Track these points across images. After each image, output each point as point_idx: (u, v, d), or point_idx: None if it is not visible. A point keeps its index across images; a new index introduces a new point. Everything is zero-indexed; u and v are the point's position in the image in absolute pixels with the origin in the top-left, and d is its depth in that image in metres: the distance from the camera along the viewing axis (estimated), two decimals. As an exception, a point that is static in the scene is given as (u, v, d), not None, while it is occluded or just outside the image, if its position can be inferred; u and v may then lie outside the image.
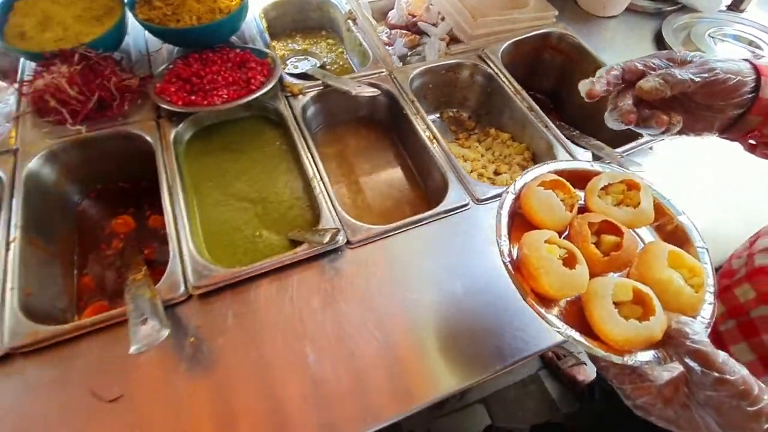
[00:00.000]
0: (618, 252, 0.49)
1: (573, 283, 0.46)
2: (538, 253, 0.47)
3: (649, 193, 0.54)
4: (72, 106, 0.81)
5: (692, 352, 0.40)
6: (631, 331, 0.43)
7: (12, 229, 0.69)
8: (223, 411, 0.57)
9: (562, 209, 0.52)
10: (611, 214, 0.52)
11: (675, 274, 0.47)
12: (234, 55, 0.93)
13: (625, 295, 0.46)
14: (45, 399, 0.57)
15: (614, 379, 0.46)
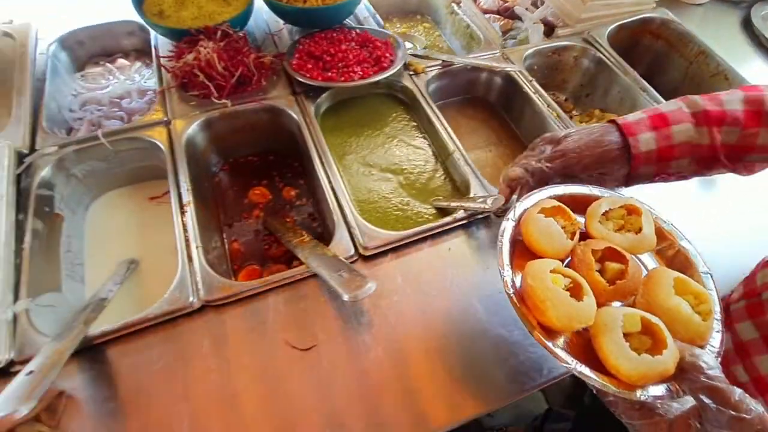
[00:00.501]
0: (624, 280, 0.47)
1: (581, 316, 0.44)
2: (543, 285, 0.45)
3: (650, 218, 0.53)
4: (217, 81, 0.85)
5: (707, 389, 0.39)
6: (645, 366, 0.41)
7: (184, 194, 0.73)
8: (397, 357, 0.60)
9: (563, 237, 0.50)
10: (613, 240, 0.51)
11: (683, 302, 0.45)
12: (355, 35, 0.96)
13: (634, 326, 0.44)
14: (247, 346, 0.61)
15: (623, 414, 0.45)
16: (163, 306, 0.61)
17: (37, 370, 0.51)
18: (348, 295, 0.56)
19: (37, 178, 0.73)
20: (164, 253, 0.80)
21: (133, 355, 0.60)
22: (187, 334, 0.61)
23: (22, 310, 0.61)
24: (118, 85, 0.97)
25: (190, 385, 0.58)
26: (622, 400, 0.44)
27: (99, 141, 0.78)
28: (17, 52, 0.89)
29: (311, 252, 0.67)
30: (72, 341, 0.56)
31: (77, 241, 0.79)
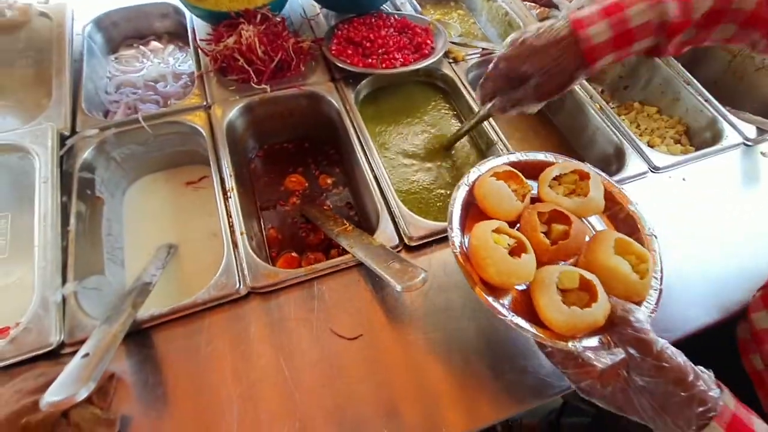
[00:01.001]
0: (566, 240, 0.50)
1: (519, 272, 0.47)
2: (485, 243, 0.48)
3: (599, 183, 0.55)
4: (257, 66, 0.83)
5: (632, 340, 0.42)
6: (574, 317, 0.44)
7: (227, 179, 0.72)
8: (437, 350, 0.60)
9: (513, 199, 0.53)
10: (561, 203, 0.54)
11: (621, 261, 0.48)
12: (394, 20, 0.94)
13: (572, 283, 0.47)
14: (294, 333, 0.60)
15: (559, 364, 0.48)
16: (210, 292, 0.61)
17: (92, 353, 0.51)
18: (401, 285, 0.55)
19: (79, 161, 0.73)
20: (202, 238, 0.80)
21: (181, 340, 0.60)
22: (234, 320, 0.61)
23: (71, 292, 0.61)
24: (152, 68, 0.97)
25: (240, 370, 0.57)
26: (558, 351, 0.47)
27: (138, 124, 0.78)
28: (54, 33, 0.88)
29: (357, 241, 0.66)
30: (123, 324, 0.56)
31: (117, 224, 0.79)
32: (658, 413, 0.42)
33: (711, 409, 0.40)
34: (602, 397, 0.45)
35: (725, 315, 0.66)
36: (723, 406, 0.41)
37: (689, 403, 0.40)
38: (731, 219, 0.76)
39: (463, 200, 0.56)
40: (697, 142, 0.92)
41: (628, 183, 0.79)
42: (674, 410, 0.41)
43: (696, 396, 0.40)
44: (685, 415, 0.41)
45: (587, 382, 0.46)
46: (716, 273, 0.70)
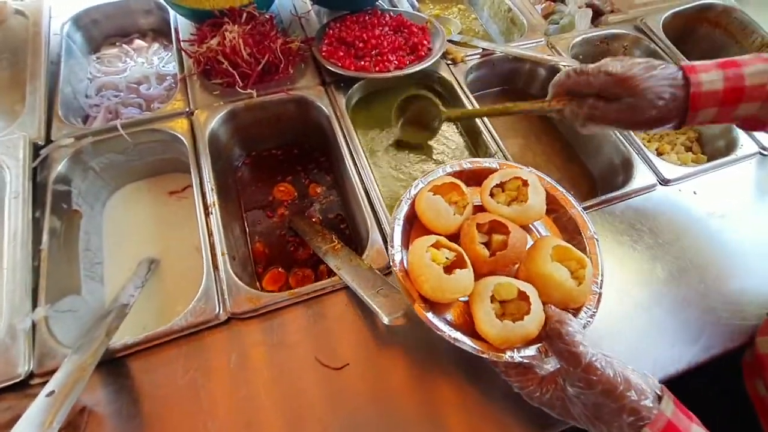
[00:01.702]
0: (504, 251, 0.49)
1: (453, 288, 0.47)
2: (420, 261, 0.48)
3: (539, 189, 0.55)
4: (242, 69, 0.79)
5: (563, 352, 0.43)
6: (506, 331, 0.45)
7: (209, 193, 0.68)
8: (429, 382, 0.56)
9: (451, 213, 0.53)
10: (501, 212, 0.54)
11: (558, 268, 0.48)
12: (389, 18, 0.89)
13: (510, 294, 0.47)
14: (276, 362, 0.57)
15: (502, 372, 0.49)
16: (187, 318, 0.58)
17: (58, 390, 0.48)
18: (388, 318, 0.52)
19: (54, 173, 0.69)
20: (185, 250, 0.76)
21: (158, 369, 0.56)
22: (213, 347, 0.58)
23: (42, 317, 0.58)
24: (135, 68, 0.92)
25: (218, 401, 0.54)
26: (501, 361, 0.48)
27: (117, 132, 0.74)
28: (30, 32, 0.84)
29: (345, 262, 0.63)
30: (94, 355, 0.52)
31: (96, 238, 0.75)
32: (592, 421, 0.44)
33: (642, 418, 0.42)
34: (542, 403, 0.47)
35: (743, 339, 0.62)
36: (658, 414, 0.42)
37: (619, 413, 0.42)
38: (746, 235, 0.72)
39: (406, 215, 0.56)
40: (710, 151, 0.87)
41: (635, 197, 0.74)
42: (606, 419, 0.43)
43: (626, 406, 0.42)
44: (617, 423, 0.42)
45: (529, 388, 0.47)
46: (732, 294, 0.66)
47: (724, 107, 0.54)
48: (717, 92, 0.53)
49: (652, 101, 0.53)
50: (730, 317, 0.64)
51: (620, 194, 0.73)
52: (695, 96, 0.53)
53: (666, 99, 0.53)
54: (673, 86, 0.53)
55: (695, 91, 0.53)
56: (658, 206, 0.73)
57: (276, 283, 0.74)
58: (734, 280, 0.67)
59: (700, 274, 0.67)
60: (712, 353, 0.62)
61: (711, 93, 0.53)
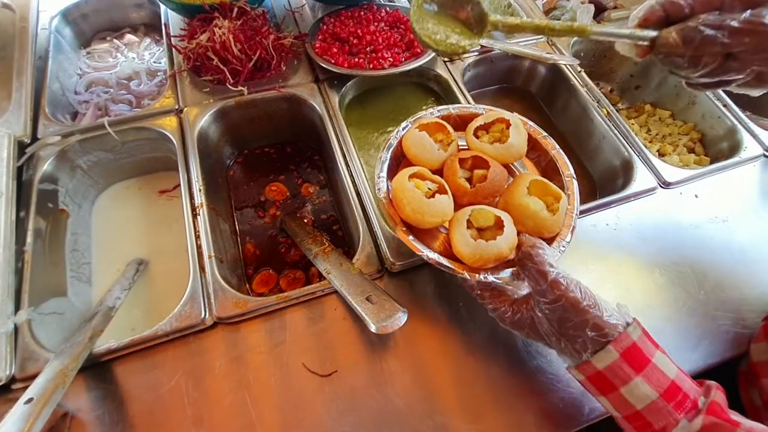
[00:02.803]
0: (483, 183, 0.53)
1: (432, 211, 0.50)
2: (402, 185, 0.51)
3: (520, 130, 0.57)
4: (233, 65, 0.77)
5: (533, 271, 0.45)
6: (479, 249, 0.48)
7: (197, 194, 0.67)
8: (425, 387, 0.55)
9: (435, 148, 0.56)
10: (483, 150, 0.56)
11: (532, 200, 0.51)
12: (385, 13, 0.87)
13: (487, 221, 0.50)
14: (263, 368, 0.56)
15: (477, 295, 0.52)
16: (173, 322, 0.56)
17: (37, 397, 0.47)
18: (375, 326, 0.50)
19: (39, 172, 0.68)
20: (175, 251, 0.75)
21: (143, 374, 0.55)
22: (198, 353, 0.57)
23: (24, 320, 0.57)
24: (126, 64, 0.90)
25: (202, 408, 0.53)
26: (477, 283, 0.51)
27: (105, 130, 0.72)
28: (17, 27, 0.82)
29: (335, 266, 0.61)
30: (76, 360, 0.51)
31: (84, 238, 0.74)
32: (558, 338, 0.45)
33: (606, 334, 0.43)
34: (513, 323, 0.49)
35: (743, 347, 0.61)
36: (624, 333, 0.43)
37: (582, 327, 0.43)
38: (749, 240, 0.70)
39: (393, 151, 0.59)
40: (713, 152, 0.85)
41: (635, 200, 0.72)
42: (570, 334, 0.44)
43: (589, 321, 0.43)
44: (581, 339, 0.44)
45: (501, 309, 0.50)
46: (733, 301, 0.64)
47: None
48: None
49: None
50: (730, 325, 0.63)
51: (619, 197, 0.71)
52: None
53: None
54: None
55: None
56: (659, 210, 0.72)
57: (266, 285, 0.73)
58: (735, 287, 0.66)
59: (700, 280, 0.66)
60: (710, 362, 0.60)
61: None
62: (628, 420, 0.45)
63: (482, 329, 0.59)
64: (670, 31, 0.43)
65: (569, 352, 0.46)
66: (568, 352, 0.46)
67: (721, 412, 0.43)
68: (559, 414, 0.55)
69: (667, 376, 0.44)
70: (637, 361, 0.43)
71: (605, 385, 0.44)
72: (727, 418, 0.42)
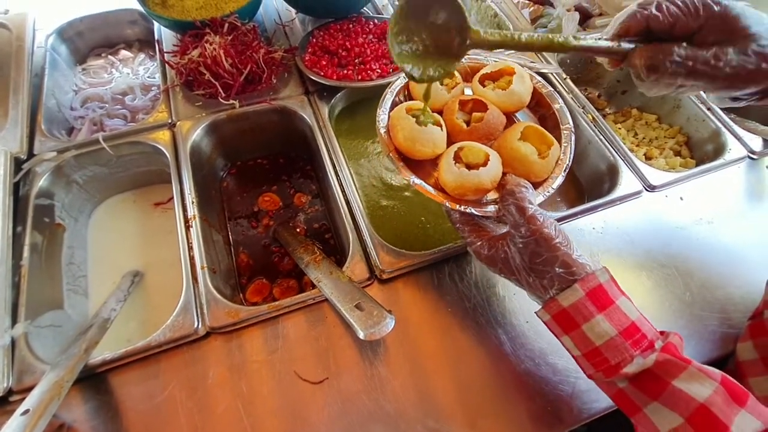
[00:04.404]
0: (479, 123, 0.55)
1: (424, 139, 0.52)
2: (397, 114, 0.54)
3: (525, 80, 0.59)
4: (224, 80, 0.78)
5: (513, 206, 0.47)
6: (461, 177, 0.50)
7: (189, 206, 0.68)
8: (416, 393, 0.56)
9: (439, 88, 0.59)
10: (484, 94, 0.58)
11: (523, 144, 0.53)
12: (374, 26, 0.89)
13: (476, 158, 0.52)
14: (256, 377, 0.57)
15: (457, 227, 0.53)
16: (166, 333, 0.58)
17: (33, 408, 0.48)
18: (363, 332, 0.51)
19: (35, 188, 0.69)
20: (170, 262, 0.76)
21: (137, 385, 0.56)
22: (191, 363, 0.58)
23: (21, 333, 0.58)
24: (121, 79, 0.92)
25: (197, 417, 0.54)
26: (458, 214, 0.53)
27: (100, 145, 0.74)
28: (14, 46, 0.84)
29: (325, 275, 0.62)
30: (71, 372, 0.52)
31: (80, 251, 0.75)
32: (528, 272, 0.46)
33: (574, 272, 0.44)
34: (487, 258, 0.50)
35: (730, 347, 0.62)
36: (591, 275, 0.44)
37: (552, 263, 0.45)
38: (734, 241, 0.71)
39: (401, 89, 0.62)
40: (699, 155, 0.86)
41: (620, 203, 0.73)
42: (539, 269, 0.45)
43: (558, 257, 0.44)
44: (549, 274, 0.45)
45: (477, 244, 0.51)
46: (719, 301, 0.65)
47: None
48: None
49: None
50: (717, 325, 0.64)
51: (606, 201, 0.73)
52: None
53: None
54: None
55: None
56: (644, 213, 0.73)
57: (260, 294, 0.74)
58: (721, 288, 0.67)
59: (687, 281, 0.67)
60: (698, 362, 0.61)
61: None
62: (586, 357, 0.46)
63: (471, 334, 0.60)
64: (641, 56, 0.44)
65: (537, 288, 0.47)
66: (535, 288, 0.47)
67: (675, 351, 0.44)
68: (549, 416, 0.56)
69: (628, 317, 0.45)
70: (601, 301, 0.44)
71: (569, 322, 0.46)
72: (679, 356, 0.43)
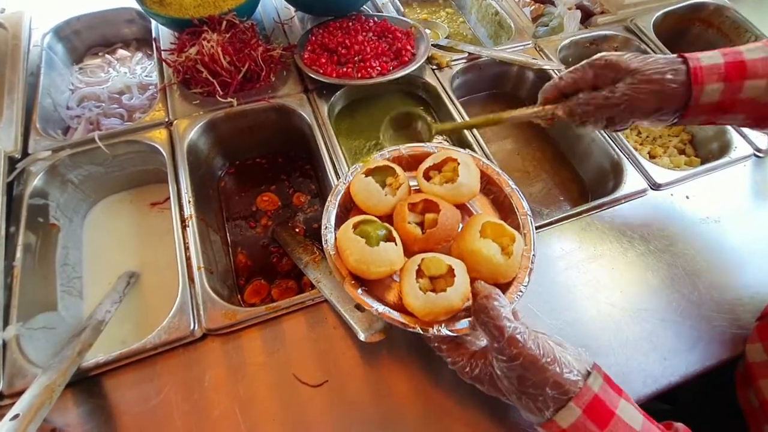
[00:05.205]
0: (434, 228, 0.50)
1: (378, 260, 0.47)
2: (345, 235, 0.49)
3: (471, 167, 0.55)
4: (222, 78, 0.77)
5: (487, 325, 0.43)
6: (429, 302, 0.45)
7: (186, 206, 0.67)
8: (419, 395, 0.54)
9: (382, 194, 0.54)
10: (434, 191, 0.54)
11: (485, 244, 0.48)
12: (373, 24, 0.88)
13: (438, 269, 0.47)
14: (253, 380, 0.55)
15: (435, 347, 0.49)
16: (161, 335, 0.56)
17: (23, 413, 0.46)
18: (364, 334, 0.50)
19: (30, 187, 0.68)
20: (167, 263, 0.75)
21: (132, 388, 0.55)
22: (187, 366, 0.56)
23: (12, 336, 0.56)
24: (118, 78, 0.91)
25: (192, 421, 0.53)
26: (433, 336, 0.48)
27: (95, 144, 0.72)
28: (9, 45, 0.83)
29: (324, 275, 0.61)
30: (64, 375, 0.51)
31: (75, 252, 0.74)
32: (518, 396, 0.43)
33: (567, 391, 0.41)
34: (473, 378, 0.47)
35: (739, 348, 0.60)
36: (584, 387, 0.42)
37: (542, 386, 0.42)
38: (742, 240, 0.69)
39: (342, 198, 0.56)
40: (704, 153, 0.85)
41: (625, 202, 0.72)
42: (530, 393, 0.42)
43: (549, 379, 0.41)
44: (542, 397, 0.42)
45: (459, 363, 0.47)
46: (727, 302, 0.64)
47: (730, 83, 0.50)
48: (718, 66, 0.50)
49: (651, 78, 0.51)
50: (726, 326, 0.62)
51: (610, 200, 0.71)
52: (696, 70, 0.50)
53: (664, 73, 0.51)
54: (672, 63, 0.51)
55: (695, 65, 0.51)
56: (650, 212, 0.71)
57: (258, 295, 0.72)
58: (729, 287, 0.65)
59: (694, 281, 0.65)
60: (707, 364, 0.60)
61: (712, 66, 0.50)
62: None
63: (474, 335, 0.59)
64: (561, 109, 0.57)
65: (531, 409, 0.44)
66: (530, 410, 0.44)
67: None
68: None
69: (633, 429, 0.41)
70: (601, 416, 0.41)
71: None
72: None
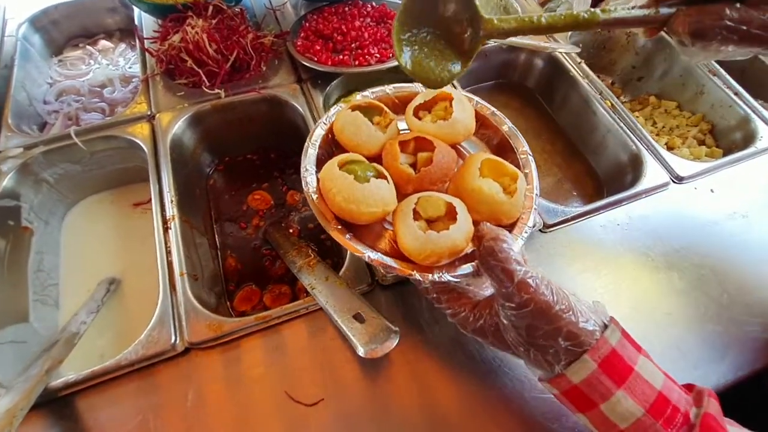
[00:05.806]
0: (428, 167, 0.45)
1: (369, 199, 0.42)
2: (330, 173, 0.43)
3: (465, 104, 0.51)
4: (209, 67, 0.72)
5: (494, 269, 0.38)
6: (429, 242, 0.40)
7: (168, 206, 0.61)
8: (424, 412, 0.49)
9: (372, 129, 0.49)
10: (426, 129, 0.49)
11: (486, 182, 0.44)
12: (371, 9, 0.82)
13: (436, 209, 0.43)
14: (241, 398, 0.50)
15: (433, 297, 0.45)
16: (139, 350, 0.51)
17: (-23, 443, 0.41)
18: (364, 349, 0.44)
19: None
20: (151, 268, 0.68)
21: (105, 410, 0.49)
22: (168, 383, 0.51)
23: (-26, 352, 0.51)
24: (99, 71, 0.85)
25: (173, 447, 0.47)
26: (431, 284, 0.44)
27: (71, 140, 0.67)
28: (-20, 35, 0.77)
29: (319, 281, 0.55)
30: (27, 397, 0.45)
31: (51, 257, 0.68)
32: (526, 348, 0.39)
33: (581, 343, 0.37)
34: (475, 330, 0.43)
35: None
36: (600, 339, 0.37)
37: (554, 336, 0.37)
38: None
39: (323, 139, 0.51)
40: (725, 144, 0.79)
41: (646, 197, 0.66)
42: (540, 344, 0.38)
43: (562, 329, 0.37)
44: (553, 349, 0.38)
45: (461, 315, 0.43)
46: (759, 304, 0.58)
47: None
48: None
49: None
50: (759, 331, 0.57)
51: (629, 194, 0.66)
52: None
53: None
54: None
55: None
56: (673, 207, 0.66)
57: (249, 302, 0.67)
58: (761, 289, 0.60)
59: (722, 282, 0.60)
60: (739, 374, 0.54)
61: None
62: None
63: (486, 346, 0.53)
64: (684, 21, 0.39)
65: (540, 363, 0.40)
66: (538, 364, 0.40)
67: (717, 427, 0.37)
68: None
69: (653, 387, 0.37)
70: (618, 371, 0.37)
71: (583, 401, 0.38)
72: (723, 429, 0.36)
